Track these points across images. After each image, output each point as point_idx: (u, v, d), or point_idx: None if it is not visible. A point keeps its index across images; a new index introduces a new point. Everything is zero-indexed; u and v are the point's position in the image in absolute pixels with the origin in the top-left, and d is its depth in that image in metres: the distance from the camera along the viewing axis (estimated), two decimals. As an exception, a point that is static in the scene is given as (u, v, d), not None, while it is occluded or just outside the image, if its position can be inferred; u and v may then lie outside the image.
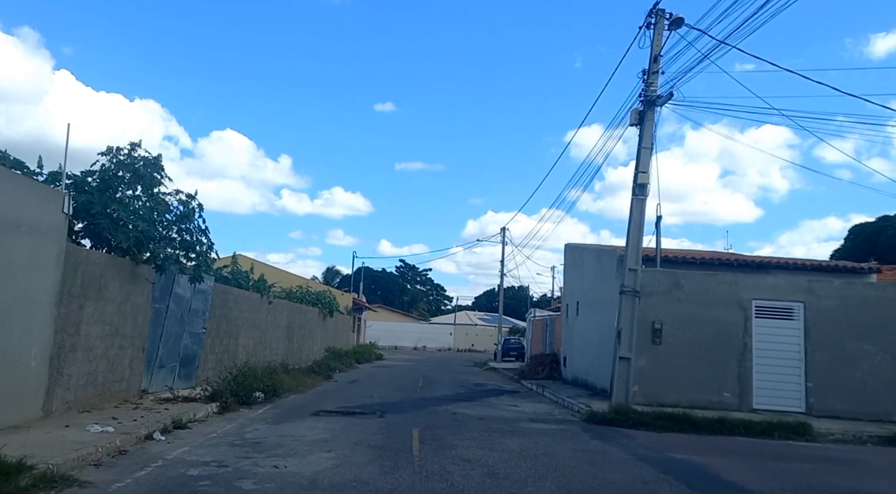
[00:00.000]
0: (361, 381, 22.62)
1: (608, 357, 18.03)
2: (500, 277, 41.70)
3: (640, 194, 14.38)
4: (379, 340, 70.98)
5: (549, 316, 29.92)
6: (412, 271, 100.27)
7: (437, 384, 22.74)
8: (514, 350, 47.67)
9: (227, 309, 18.17)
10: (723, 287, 16.36)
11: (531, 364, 26.37)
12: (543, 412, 15.43)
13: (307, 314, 29.30)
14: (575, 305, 22.92)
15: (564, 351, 24.54)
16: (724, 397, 16.04)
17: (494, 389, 21.72)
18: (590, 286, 21.24)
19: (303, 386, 18.60)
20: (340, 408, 14.31)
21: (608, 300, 18.76)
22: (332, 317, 33.86)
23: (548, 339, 28.62)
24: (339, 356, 29.51)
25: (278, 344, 23.97)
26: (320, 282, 66.88)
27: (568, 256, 24.54)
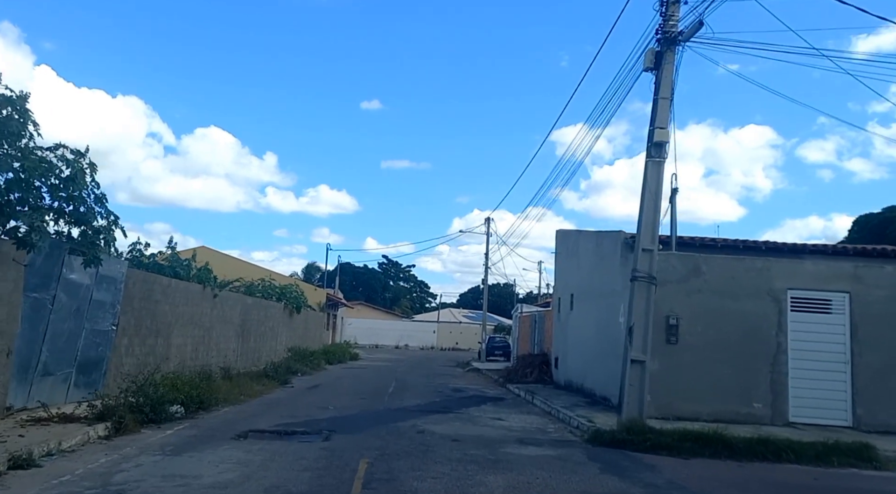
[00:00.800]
0: (323, 387, 19.49)
1: (608, 359, 15.07)
2: (485, 269, 38.78)
3: (657, 156, 11.39)
4: (358, 338, 67.80)
5: (537, 312, 26.98)
6: (395, 267, 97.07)
7: (411, 389, 19.67)
8: (499, 350, 44.71)
9: (154, 302, 14.98)
10: (752, 275, 13.42)
11: (518, 366, 23.42)
12: (535, 429, 12.40)
13: (268, 309, 26.11)
14: (569, 298, 19.94)
15: (556, 351, 21.58)
16: (753, 408, 13.13)
17: (476, 395, 18.67)
18: (586, 277, 18.26)
19: (247, 395, 15.46)
20: (278, 426, 11.20)
21: (609, 292, 15.78)
22: (300, 314, 30.69)
23: (536, 337, 25.70)
24: (304, 356, 26.35)
25: (228, 344, 20.78)
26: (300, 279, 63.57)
27: (560, 243, 21.58)
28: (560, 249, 21.47)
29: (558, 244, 21.85)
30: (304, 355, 26.35)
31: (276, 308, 27.33)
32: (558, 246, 21.82)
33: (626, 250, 14.96)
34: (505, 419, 13.62)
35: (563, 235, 21.43)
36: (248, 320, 23.09)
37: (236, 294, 22.29)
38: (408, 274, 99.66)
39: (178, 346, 16.54)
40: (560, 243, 21.59)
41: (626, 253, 14.93)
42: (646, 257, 11.39)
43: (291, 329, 30.55)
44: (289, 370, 22.77)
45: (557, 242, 21.95)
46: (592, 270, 17.68)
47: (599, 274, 16.89)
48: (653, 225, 11.41)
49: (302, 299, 30.52)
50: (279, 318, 28.02)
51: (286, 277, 37.11)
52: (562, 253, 21.28)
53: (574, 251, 19.67)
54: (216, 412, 12.70)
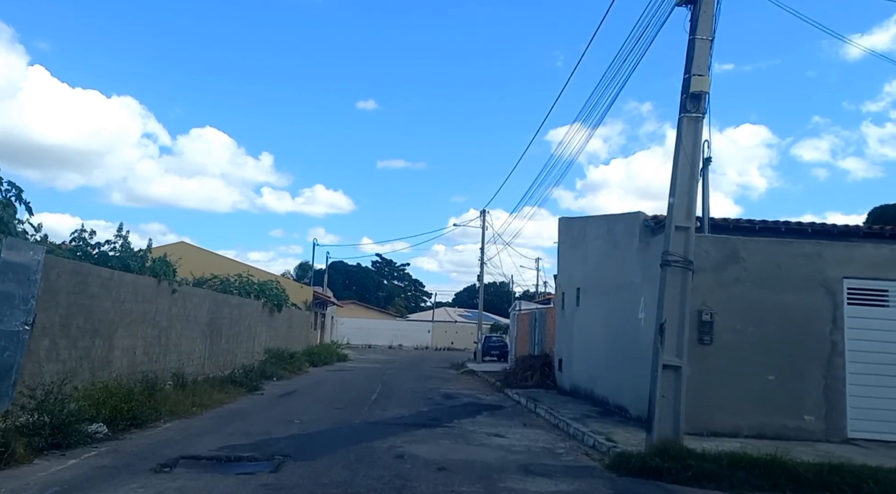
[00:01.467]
0: (297, 394, 17.14)
1: (622, 362, 12.79)
2: (480, 265, 36.46)
3: (694, 110, 9.08)
4: (351, 339, 65.40)
5: (537, 310, 24.66)
6: (389, 265, 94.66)
7: (397, 395, 17.34)
8: (495, 350, 42.42)
9: (90, 297, 12.60)
10: (800, 261, 11.14)
11: (517, 368, 21.14)
12: (541, 449, 10.08)
13: (244, 307, 23.74)
14: (574, 293, 17.64)
15: (559, 352, 19.28)
16: (804, 421, 10.86)
17: (470, 403, 16.35)
18: (596, 268, 15.96)
19: (202, 406, 13.12)
20: (220, 450, 8.86)
21: (623, 285, 13.48)
22: (281, 312, 28.31)
23: (537, 337, 23.42)
24: (284, 358, 23.96)
25: (193, 346, 18.41)
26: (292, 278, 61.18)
27: (564, 232, 19.27)
28: (563, 238, 19.17)
29: (561, 233, 19.55)
30: (282, 357, 23.99)
31: (253, 306, 24.96)
32: (561, 235, 19.52)
33: (645, 235, 12.67)
34: (504, 435, 11.30)
35: (566, 223, 19.13)
36: (219, 318, 20.73)
37: (203, 290, 19.93)
38: (402, 273, 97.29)
39: (125, 348, 14.16)
40: (563, 232, 19.30)
41: (645, 237, 12.63)
42: (680, 236, 9.08)
43: (273, 329, 28.18)
44: (263, 374, 20.41)
45: (560, 231, 19.65)
46: (603, 260, 15.38)
47: (612, 264, 14.59)
48: (688, 196, 9.10)
49: (284, 297, 28.16)
50: (258, 317, 25.65)
51: (266, 272, 34.78)
52: (565, 243, 18.98)
53: (580, 240, 17.37)
54: (153, 430, 10.36)
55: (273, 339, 28.39)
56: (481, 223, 35.97)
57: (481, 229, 35.95)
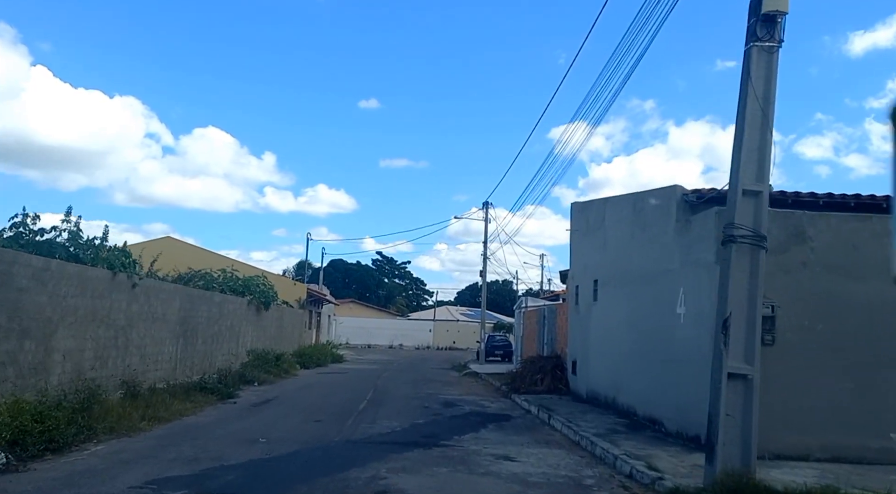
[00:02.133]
0: (275, 402, 14.96)
1: (654, 365, 10.64)
2: (483, 260, 34.19)
3: (767, 37, 6.87)
4: (350, 338, 63.28)
5: (546, 306, 22.40)
6: (390, 263, 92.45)
7: (390, 403, 15.16)
8: (499, 349, 40.24)
9: (17, 291, 10.42)
10: (882, 242, 8.90)
11: (525, 370, 18.95)
12: (565, 479, 7.88)
13: (226, 305, 21.58)
14: (590, 286, 15.44)
15: (573, 353, 17.08)
16: (889, 441, 8.63)
17: (473, 412, 14.16)
18: (618, 256, 13.75)
19: (155, 420, 10.99)
20: (142, 489, 6.68)
21: (656, 273, 11.28)
22: (269, 310, 26.13)
23: (546, 336, 21.23)
24: (268, 361, 21.76)
25: (160, 348, 16.23)
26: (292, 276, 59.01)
27: (577, 218, 17.06)
28: (577, 225, 16.97)
29: (574, 220, 17.35)
30: (267, 359, 21.79)
31: (236, 304, 22.79)
32: (574, 222, 17.32)
33: (683, 212, 10.47)
34: (516, 457, 9.09)
35: (581, 207, 16.92)
36: (194, 317, 18.56)
37: (173, 285, 17.75)
38: (403, 271, 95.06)
39: (68, 352, 11.98)
40: (577, 218, 17.10)
41: (684, 216, 10.43)
42: (748, 203, 6.88)
43: (260, 329, 26.01)
44: (242, 378, 18.27)
45: (573, 216, 17.45)
46: (627, 246, 13.17)
47: (639, 250, 12.38)
48: (760, 151, 6.89)
49: (272, 294, 25.99)
50: (242, 315, 23.48)
51: (253, 267, 32.63)
52: (579, 230, 16.78)
53: (597, 225, 15.17)
54: (75, 456, 8.19)
55: (260, 339, 26.22)
56: (484, 216, 33.83)
57: (484, 223, 33.79)
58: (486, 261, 33.91)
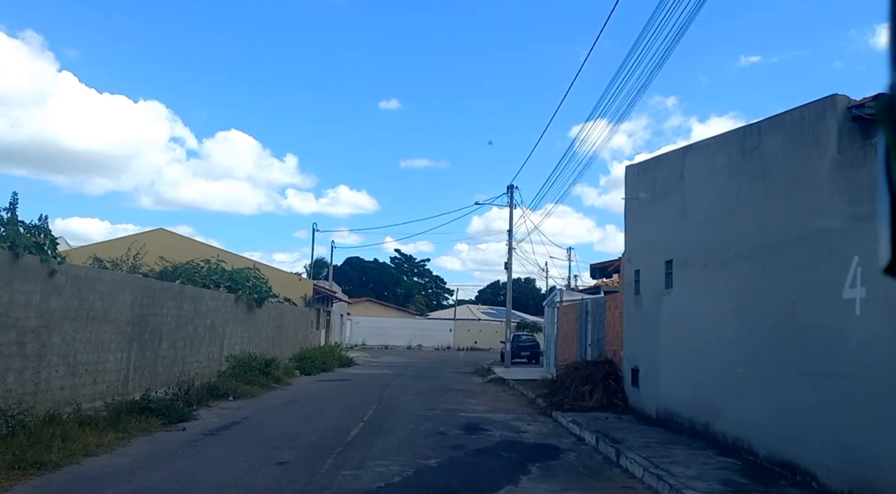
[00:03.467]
0: (239, 428, 11.07)
1: (792, 381, 6.58)
2: (508, 250, 30.08)
3: None
4: (366, 339, 59.51)
5: (590, 299, 18.14)
6: (409, 261, 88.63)
7: (393, 428, 11.19)
8: (525, 350, 36.24)
9: None
10: None
11: (566, 379, 14.91)
12: None
13: (203, 300, 17.81)
14: (660, 269, 11.39)
15: (633, 358, 13.00)
16: None
17: (507, 443, 10.12)
18: (711, 222, 9.63)
19: (35, 465, 7.17)
20: None
21: (786, 242, 7.19)
22: (262, 308, 22.34)
23: (589, 336, 17.13)
24: (254, 368, 17.82)
25: (102, 356, 12.45)
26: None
27: (636, 183, 12.99)
28: (636, 192, 12.89)
29: (631, 186, 13.29)
30: (251, 366, 17.87)
31: (219, 300, 19.02)
32: (631, 188, 13.25)
33: (850, 137, 6.39)
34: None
35: (642, 169, 12.83)
36: (154, 315, 14.80)
37: (122, 275, 14.04)
38: (422, 269, 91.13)
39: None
40: (635, 183, 13.04)
41: (852, 141, 6.35)
42: None
43: (252, 329, 22.25)
44: (214, 392, 14.46)
45: (630, 182, 13.40)
46: (729, 206, 9.05)
47: (754, 209, 8.27)
48: None
49: (266, 289, 22.21)
50: (228, 314, 19.72)
51: (245, 259, 28.90)
52: (640, 198, 12.70)
53: (672, 186, 11.08)
54: None
55: (254, 341, 22.44)
56: (508, 201, 29.76)
57: (509, 209, 29.70)
58: (512, 251, 29.89)
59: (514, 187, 29.79)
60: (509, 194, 29.74)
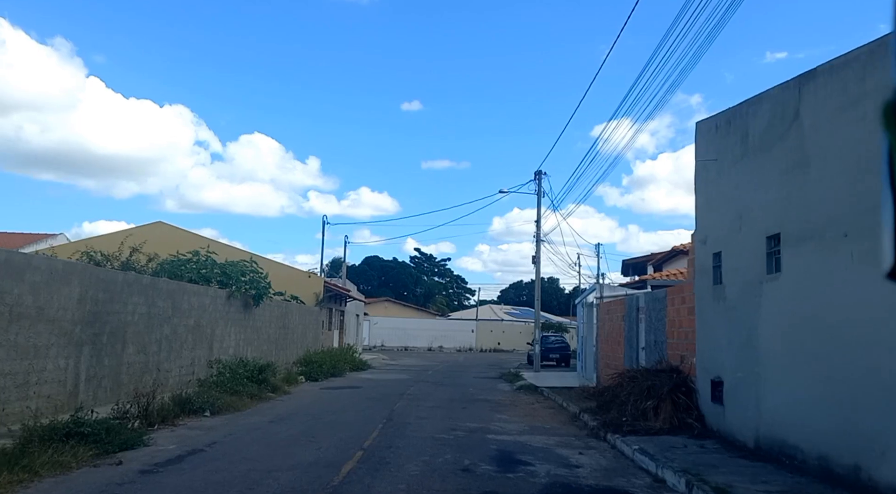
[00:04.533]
0: (196, 461, 8.21)
1: None
2: (536, 243, 26.99)
3: None
4: (385, 341, 56.79)
5: (643, 294, 14.90)
6: (429, 260, 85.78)
7: (401, 458, 8.26)
8: (554, 353, 33.28)
9: None
10: None
11: (620, 390, 11.88)
12: None
13: (184, 296, 15.10)
14: (758, 249, 8.36)
15: (712, 366, 9.96)
16: None
17: (554, 489, 7.14)
18: (856, 177, 6.58)
19: None
20: None
21: None
22: (259, 306, 19.57)
23: (641, 337, 14.01)
24: (235, 377, 14.87)
25: (38, 361, 9.75)
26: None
27: (716, 139, 9.98)
28: (717, 150, 9.89)
29: (704, 146, 10.28)
30: (239, 373, 15.02)
31: (206, 296, 16.30)
32: (705, 149, 10.25)
33: None
34: None
35: (727, 120, 9.75)
36: (116, 313, 12.08)
37: (64, 263, 11.29)
38: (443, 268, 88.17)
39: None
40: (712, 141, 10.04)
41: None
42: None
43: (249, 330, 19.52)
44: (185, 406, 11.68)
45: (702, 143, 10.40)
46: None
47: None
48: None
49: (265, 285, 19.47)
50: (218, 312, 16.99)
51: (242, 251, 26.20)
52: (723, 157, 9.69)
53: (779, 134, 8.03)
54: None
55: (251, 343, 19.73)
56: (536, 189, 26.71)
57: (536, 196, 26.65)
58: (540, 243, 26.84)
59: (541, 173, 26.78)
60: (536, 181, 26.73)
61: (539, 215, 26.68)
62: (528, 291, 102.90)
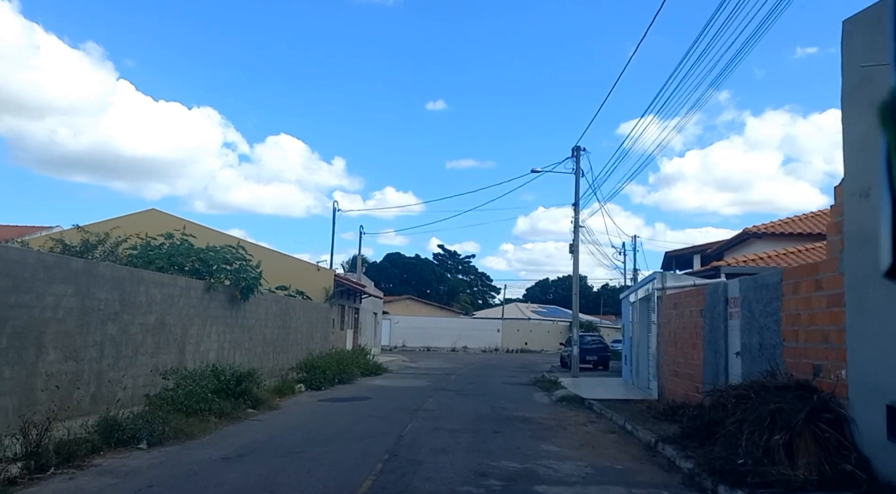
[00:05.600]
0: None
1: None
2: (574, 229, 23.29)
3: None
4: (407, 341, 53.46)
5: (730, 283, 11.08)
6: (453, 257, 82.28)
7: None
8: (591, 354, 29.59)
9: None
10: None
11: (715, 410, 8.39)
12: None
13: (138, 287, 11.79)
14: None
15: (881, 384, 6.35)
16: None
17: None
18: None
19: None
20: None
21: None
22: (248, 301, 16.26)
23: (735, 338, 10.22)
24: (194, 394, 11.27)
25: None
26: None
27: (875, 42, 6.46)
28: (877, 55, 6.38)
29: (858, 50, 6.76)
30: (202, 386, 11.44)
31: (173, 287, 12.99)
32: (859, 54, 6.72)
33: None
34: None
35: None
36: (24, 307, 8.81)
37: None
38: (467, 265, 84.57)
39: None
40: (875, 41, 6.52)
41: None
42: None
43: (237, 329, 16.23)
44: (111, 435, 8.34)
45: (853, 47, 6.89)
46: None
47: None
48: None
49: (254, 276, 16.13)
50: (190, 307, 13.69)
51: (229, 236, 22.93)
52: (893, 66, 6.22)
53: None
54: None
55: (240, 346, 16.46)
56: (574, 167, 23.05)
57: (574, 176, 23.00)
58: (578, 231, 23.16)
59: (580, 149, 23.10)
60: (574, 158, 23.05)
61: (577, 196, 23.00)
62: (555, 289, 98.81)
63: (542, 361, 39.54)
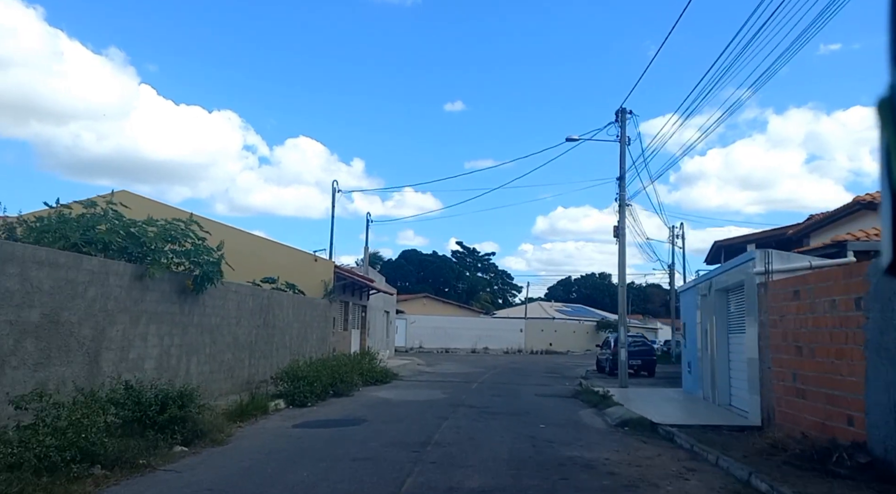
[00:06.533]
0: None
1: None
2: (619, 208, 18.90)
3: None
4: (424, 342, 49.44)
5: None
6: (472, 255, 78.13)
7: None
8: (635, 357, 25.16)
9: None
10: None
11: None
12: None
13: (4, 266, 7.88)
14: None
15: None
16: None
17: None
18: None
19: None
20: None
21: None
22: (204, 294, 12.33)
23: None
24: (70, 430, 7.18)
25: None
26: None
27: None
28: None
29: None
30: (81, 425, 7.34)
31: (75, 270, 9.07)
32: None
33: None
34: None
35: None
36: None
37: None
38: (487, 263, 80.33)
39: None
40: None
41: None
42: None
43: (192, 331, 12.29)
44: None
45: None
46: None
47: None
48: None
49: (214, 261, 12.15)
50: (115, 301, 9.79)
51: (179, 210, 18.96)
52: None
53: None
54: None
55: (196, 352, 12.51)
56: (619, 133, 18.83)
57: (619, 144, 18.79)
58: (624, 209, 18.90)
59: (625, 111, 18.86)
60: (619, 123, 18.83)
61: (622, 168, 18.73)
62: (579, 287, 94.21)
63: (573, 364, 35.31)
